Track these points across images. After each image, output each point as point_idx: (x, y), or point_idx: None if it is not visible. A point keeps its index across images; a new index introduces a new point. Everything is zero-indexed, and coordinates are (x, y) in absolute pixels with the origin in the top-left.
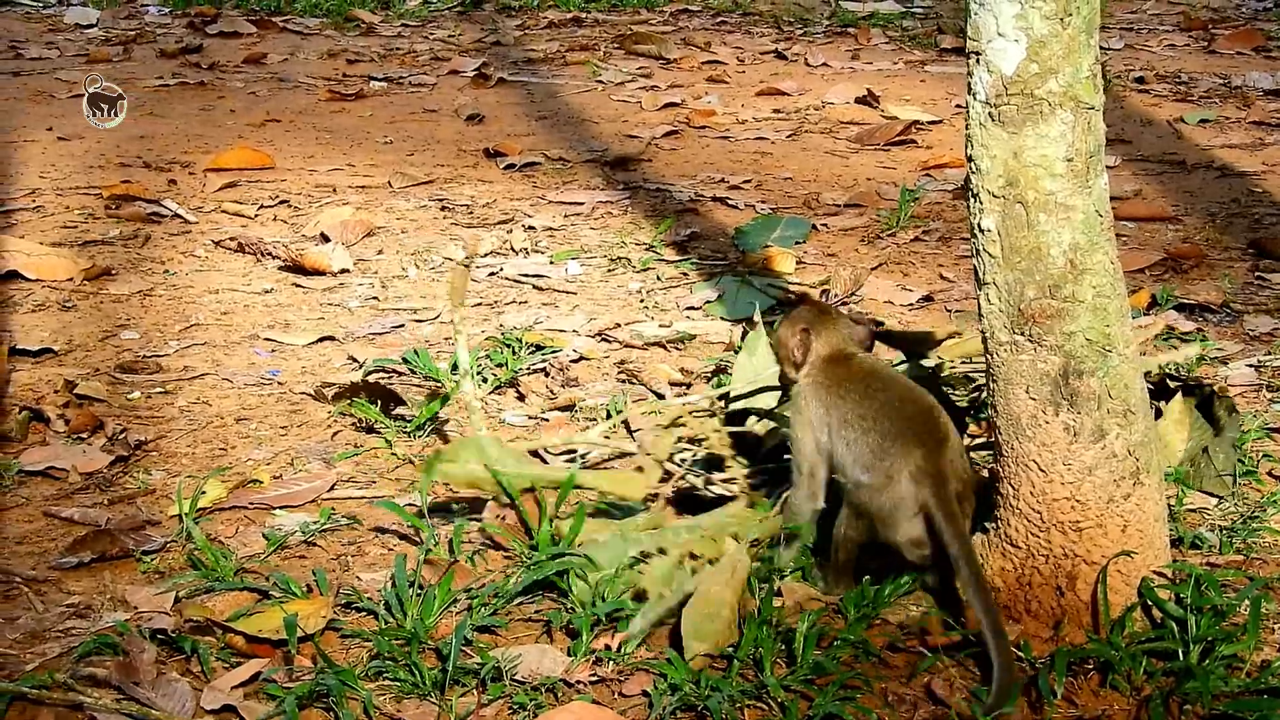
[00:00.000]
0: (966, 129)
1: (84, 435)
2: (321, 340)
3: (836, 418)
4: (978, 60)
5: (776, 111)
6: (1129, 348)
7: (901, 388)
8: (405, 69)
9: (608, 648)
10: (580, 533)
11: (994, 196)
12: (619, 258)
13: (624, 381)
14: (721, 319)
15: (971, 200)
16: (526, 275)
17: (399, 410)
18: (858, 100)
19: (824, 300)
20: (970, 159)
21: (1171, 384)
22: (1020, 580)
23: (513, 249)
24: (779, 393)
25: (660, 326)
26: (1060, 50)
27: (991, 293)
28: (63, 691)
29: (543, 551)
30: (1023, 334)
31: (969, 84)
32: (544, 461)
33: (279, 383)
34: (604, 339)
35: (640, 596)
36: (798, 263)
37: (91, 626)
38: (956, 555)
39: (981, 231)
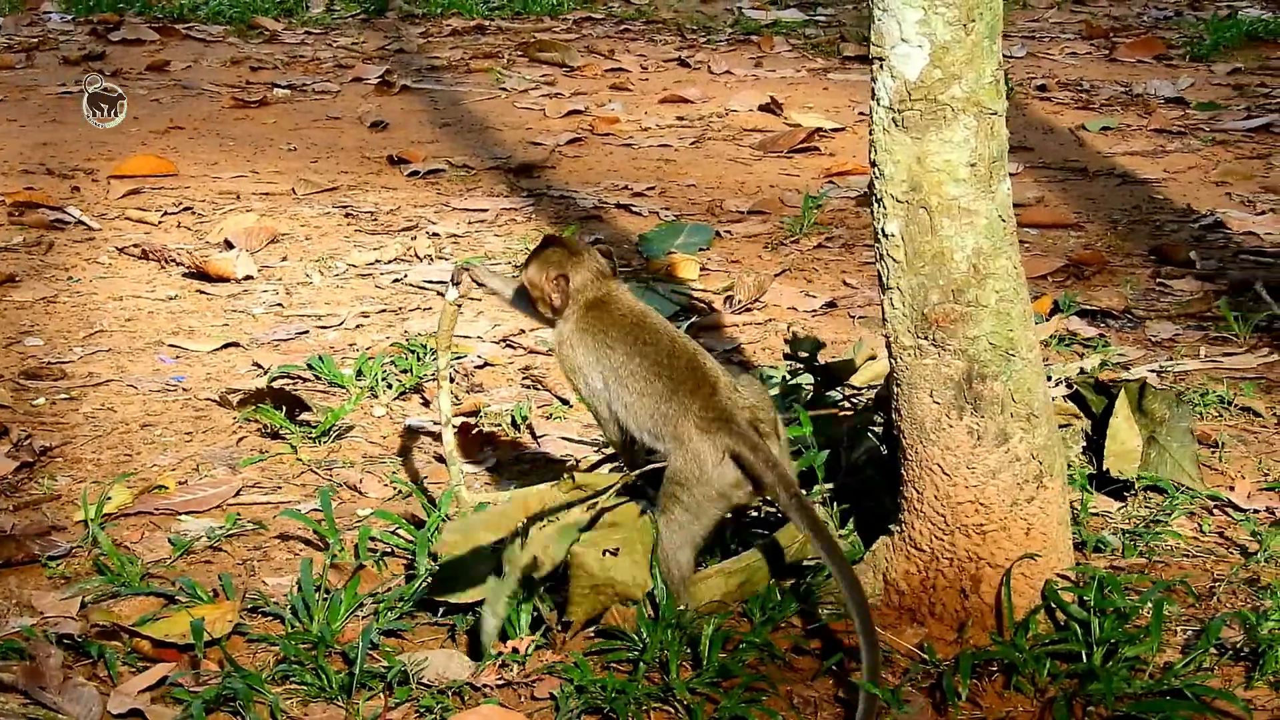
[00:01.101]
0: (870, 134)
1: None
2: (226, 347)
3: (609, 370)
4: (881, 66)
5: (680, 119)
6: (1032, 352)
7: (666, 339)
8: (309, 76)
9: (515, 650)
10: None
11: (898, 201)
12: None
13: (528, 387)
14: None
15: (875, 205)
16: (431, 282)
17: (304, 416)
18: (761, 108)
19: (570, 238)
20: (874, 164)
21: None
22: (925, 583)
23: (417, 256)
24: None
25: None
26: (963, 56)
27: (895, 297)
28: None
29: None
30: (926, 338)
31: (873, 89)
32: None
33: (184, 389)
34: (508, 345)
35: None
36: (701, 269)
37: None
38: (772, 483)
39: (885, 236)
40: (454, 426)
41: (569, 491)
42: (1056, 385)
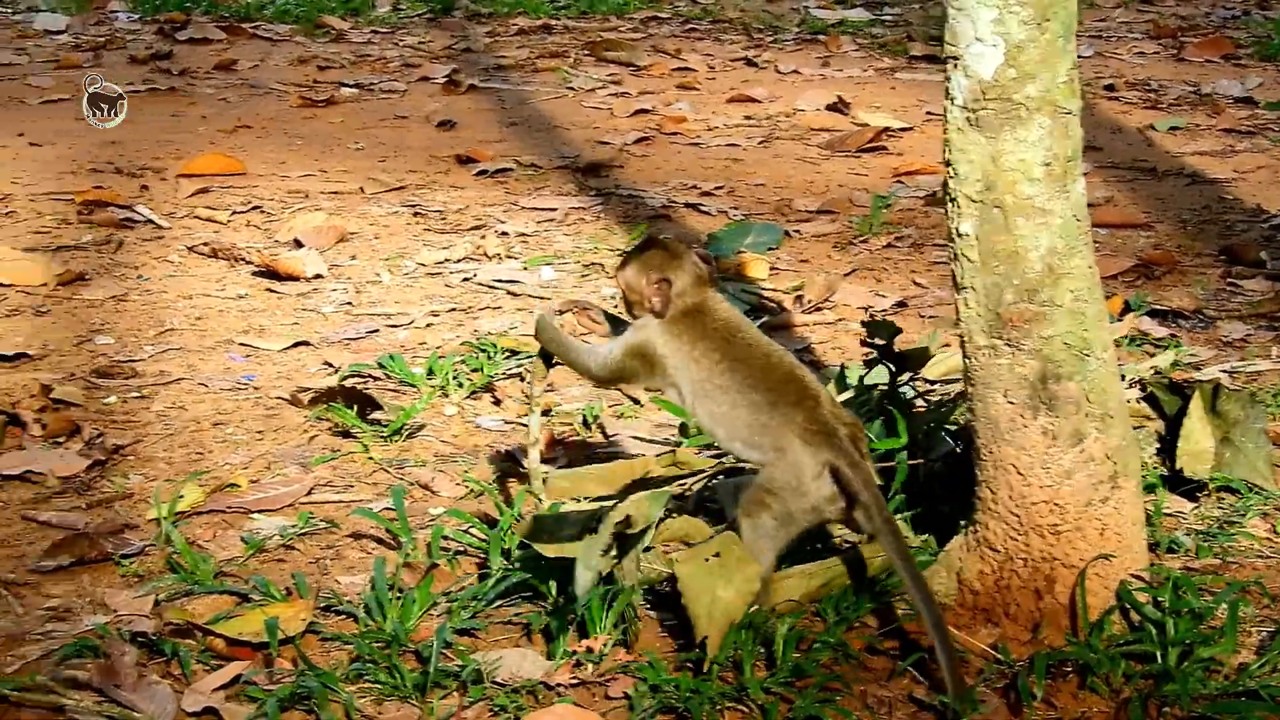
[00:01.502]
0: (945, 134)
1: (61, 440)
2: (296, 345)
3: (694, 380)
4: (955, 65)
5: (747, 118)
6: (1107, 352)
7: (761, 351)
8: (376, 75)
9: (589, 650)
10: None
11: (972, 201)
12: (592, 263)
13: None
14: None
15: (949, 205)
16: (500, 281)
17: (375, 415)
18: (828, 107)
19: (671, 240)
20: (948, 163)
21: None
22: (999, 584)
23: (486, 255)
24: None
25: None
26: (1038, 55)
27: (969, 297)
28: (43, 694)
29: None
30: (1001, 338)
31: (947, 89)
32: None
33: (255, 388)
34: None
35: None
36: (771, 269)
37: (72, 629)
38: (868, 501)
39: (959, 236)
40: (539, 447)
41: (668, 466)
42: (1130, 386)
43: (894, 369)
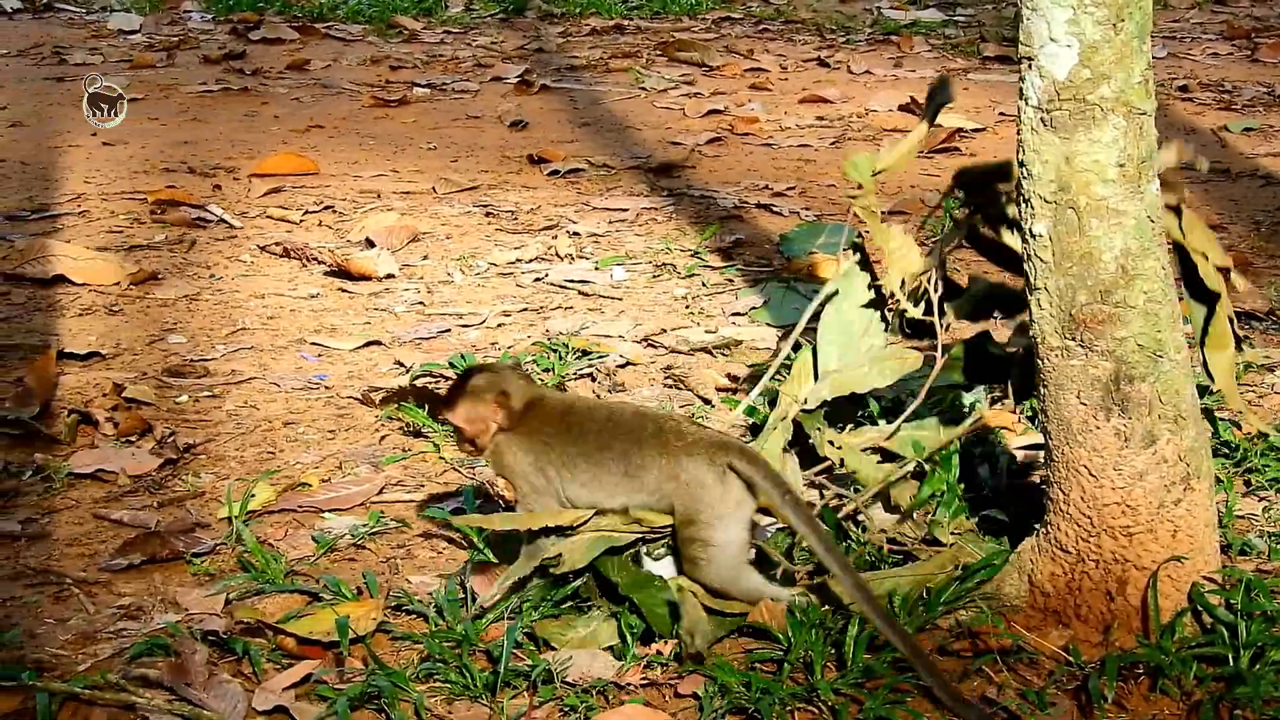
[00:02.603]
0: (1018, 134)
1: (133, 438)
2: (368, 345)
3: (552, 463)
4: (1030, 65)
5: (820, 119)
6: (1180, 353)
7: (601, 410)
8: (448, 75)
9: (659, 653)
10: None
11: (1046, 202)
12: (664, 264)
13: (670, 387)
14: (767, 325)
15: (1022, 205)
16: (572, 281)
17: None
18: (901, 108)
19: (480, 363)
20: (1022, 164)
21: None
22: (1070, 585)
23: (557, 255)
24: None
25: (706, 332)
26: (1113, 55)
27: (1042, 298)
28: (115, 692)
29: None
30: (1074, 339)
31: (1021, 89)
32: None
33: (326, 387)
34: (650, 345)
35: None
36: None
37: (143, 628)
38: (767, 487)
39: (1033, 237)
40: None
41: (628, 524)
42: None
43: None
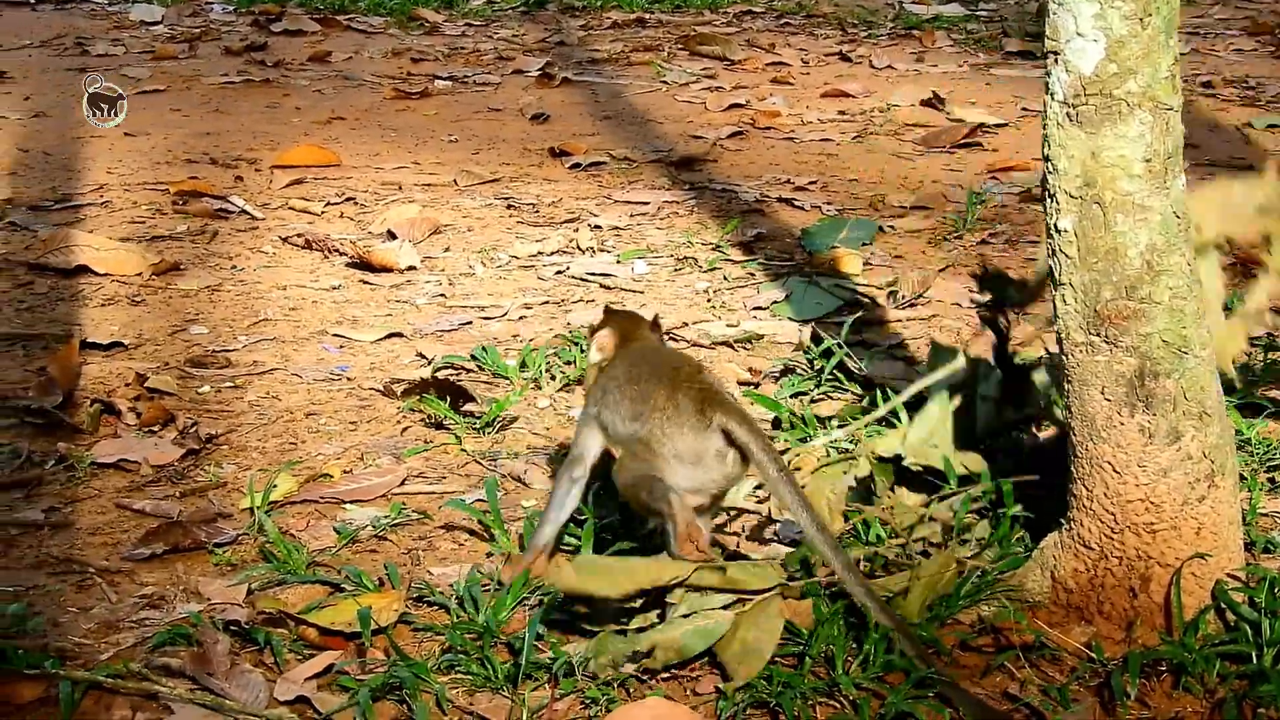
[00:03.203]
0: (1044, 129)
1: (155, 428)
2: (390, 337)
3: (605, 390)
4: (1056, 60)
5: (841, 113)
6: (1205, 350)
7: (656, 352)
8: (470, 68)
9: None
10: None
11: (1071, 197)
12: (685, 257)
13: None
14: (789, 319)
15: (1048, 201)
16: (593, 274)
17: (468, 406)
18: (923, 103)
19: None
20: (1047, 159)
21: None
22: (1093, 582)
23: (579, 248)
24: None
25: (728, 326)
26: (1139, 50)
27: (1067, 293)
28: (137, 681)
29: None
30: (1099, 335)
31: (1047, 84)
32: None
33: (348, 378)
34: (671, 338)
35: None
36: (864, 264)
37: (165, 617)
38: (759, 454)
39: (1058, 232)
40: None
41: (719, 580)
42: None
43: (1001, 333)
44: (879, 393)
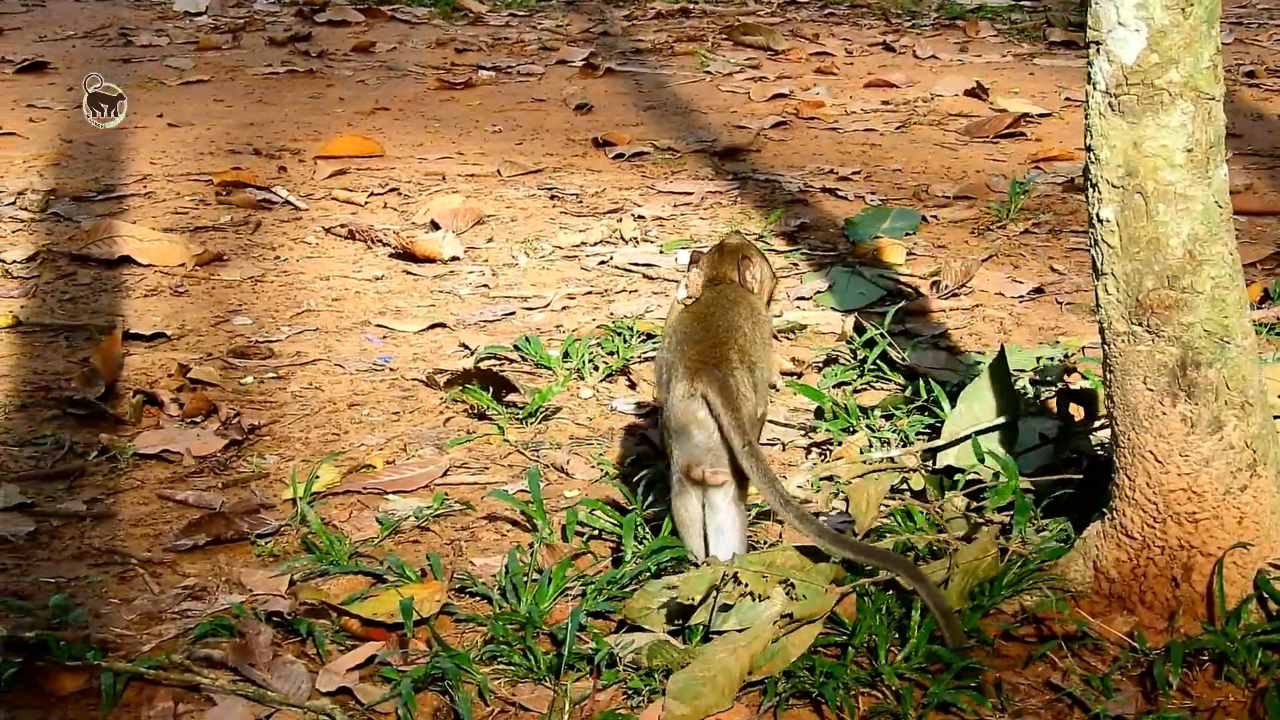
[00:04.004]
0: (1086, 119)
1: (198, 419)
2: (433, 327)
3: (665, 338)
4: (1098, 50)
5: (885, 103)
6: (1247, 339)
7: (712, 303)
8: (513, 58)
9: None
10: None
11: (1113, 186)
12: None
13: None
14: (832, 309)
15: (1090, 190)
16: (636, 264)
17: (511, 397)
18: (966, 93)
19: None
20: (1089, 149)
21: None
22: (1135, 571)
23: (622, 238)
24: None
25: (772, 316)
26: (1181, 40)
27: (1109, 283)
28: (179, 672)
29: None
30: (1141, 324)
31: (1089, 73)
32: None
33: (391, 369)
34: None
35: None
36: (908, 254)
37: (207, 608)
38: (728, 425)
39: (1100, 222)
40: None
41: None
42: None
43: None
44: (922, 383)
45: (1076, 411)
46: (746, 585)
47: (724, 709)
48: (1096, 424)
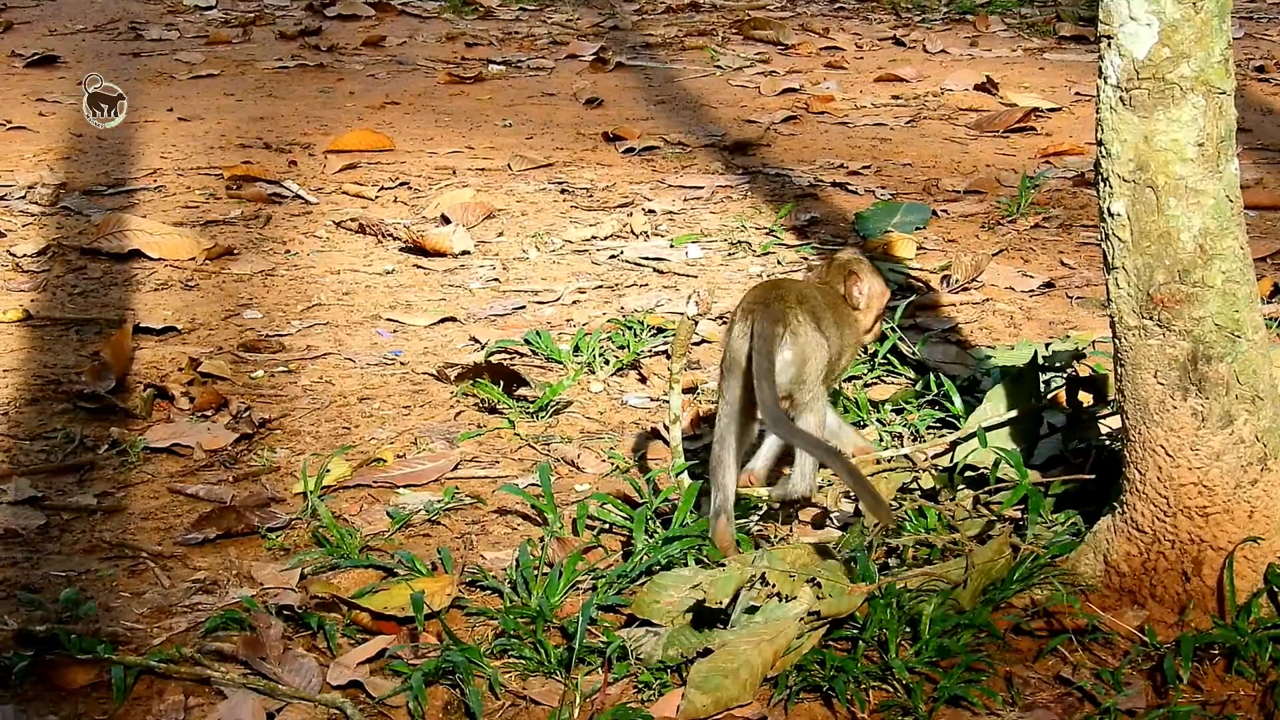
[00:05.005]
0: (1097, 113)
1: (208, 413)
2: (443, 321)
3: None
4: (1109, 44)
5: (895, 98)
6: (1258, 334)
7: (785, 290)
8: (523, 53)
9: None
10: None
11: (1124, 181)
12: (739, 242)
13: None
14: None
15: (1101, 185)
16: (647, 258)
17: (521, 391)
18: (976, 87)
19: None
20: (1100, 143)
21: None
22: (1146, 565)
23: (633, 232)
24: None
25: None
26: (1193, 35)
27: (1120, 277)
28: (190, 666)
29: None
30: (1151, 319)
31: (1100, 68)
32: None
33: (401, 363)
34: (725, 322)
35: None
36: (918, 248)
37: (218, 602)
38: (757, 348)
39: (1111, 216)
40: (680, 424)
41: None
42: None
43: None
44: (932, 377)
45: (1085, 398)
46: (774, 585)
47: (744, 704)
48: (1105, 411)
